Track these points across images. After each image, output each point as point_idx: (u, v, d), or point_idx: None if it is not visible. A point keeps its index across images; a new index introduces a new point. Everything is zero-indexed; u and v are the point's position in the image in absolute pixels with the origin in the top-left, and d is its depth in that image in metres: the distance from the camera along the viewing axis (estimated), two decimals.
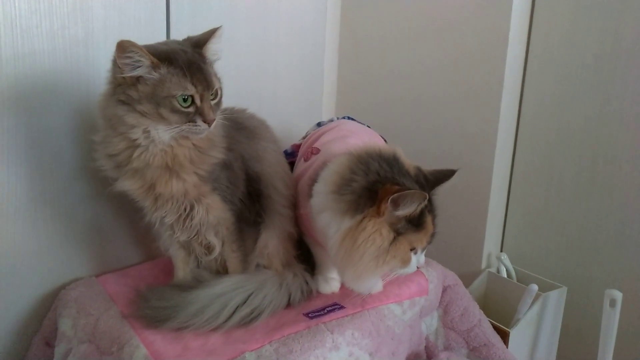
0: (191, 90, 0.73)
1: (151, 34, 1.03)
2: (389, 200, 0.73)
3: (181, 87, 0.72)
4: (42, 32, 0.88)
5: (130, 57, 0.70)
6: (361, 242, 0.75)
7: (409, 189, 0.73)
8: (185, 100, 0.73)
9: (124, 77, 0.72)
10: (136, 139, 0.75)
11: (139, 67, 0.71)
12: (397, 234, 0.76)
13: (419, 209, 0.75)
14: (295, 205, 0.92)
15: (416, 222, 0.77)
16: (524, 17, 1.19)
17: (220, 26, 0.79)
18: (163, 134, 0.74)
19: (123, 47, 0.69)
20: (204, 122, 0.74)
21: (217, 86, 0.77)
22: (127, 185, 0.78)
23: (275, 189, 0.89)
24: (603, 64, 1.10)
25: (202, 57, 0.77)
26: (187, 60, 0.73)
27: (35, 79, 0.89)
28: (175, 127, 0.73)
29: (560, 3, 1.15)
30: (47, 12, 0.88)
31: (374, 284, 0.89)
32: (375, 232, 0.75)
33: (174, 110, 0.72)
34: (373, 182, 0.77)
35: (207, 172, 0.79)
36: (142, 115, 0.73)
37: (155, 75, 0.71)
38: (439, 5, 1.28)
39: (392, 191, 0.73)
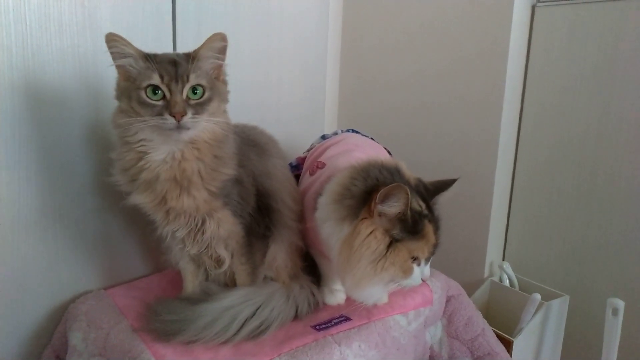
0: (156, 80, 0.72)
1: (158, 50, 1.04)
2: (377, 198, 0.73)
3: (147, 78, 0.72)
4: (52, 50, 0.90)
5: (115, 47, 0.74)
6: (357, 247, 0.75)
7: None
8: (155, 92, 0.72)
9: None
10: (134, 144, 0.76)
11: (124, 57, 0.74)
12: (394, 240, 0.76)
13: (407, 208, 0.75)
14: (301, 218, 0.94)
15: (413, 230, 0.76)
16: (524, 26, 1.21)
17: (218, 33, 0.77)
18: (142, 132, 0.75)
19: (108, 39, 0.73)
20: (170, 115, 0.72)
21: (196, 82, 0.74)
22: (140, 199, 0.79)
23: (284, 204, 0.90)
24: (603, 72, 1.12)
25: (187, 56, 0.76)
26: (167, 59, 0.75)
27: (46, 96, 0.90)
28: (144, 121, 0.72)
29: (559, 13, 1.17)
30: (57, 31, 0.90)
31: (377, 295, 0.88)
32: (370, 235, 0.75)
33: (141, 103, 0.73)
34: (371, 187, 0.78)
35: (218, 188, 0.80)
36: (126, 115, 0.75)
37: (135, 68, 0.74)
38: (439, 15, 1.30)
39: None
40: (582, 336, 1.23)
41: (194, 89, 0.75)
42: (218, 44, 0.77)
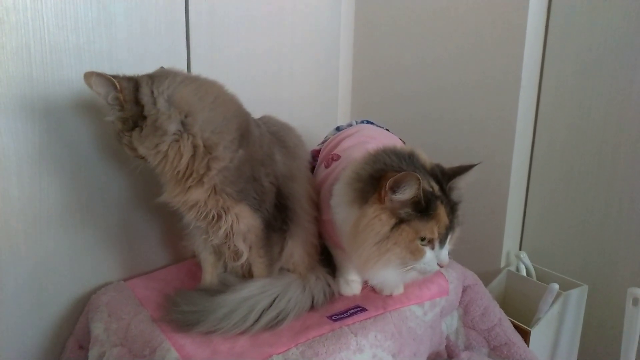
0: None
1: (171, 44, 1.06)
2: (387, 186, 0.73)
3: None
4: (69, 46, 0.91)
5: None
6: (362, 229, 0.76)
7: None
8: None
9: None
10: None
11: None
12: (401, 220, 0.75)
13: (419, 192, 0.74)
14: (318, 214, 0.94)
15: (421, 209, 0.75)
16: (541, 8, 1.18)
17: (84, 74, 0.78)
18: None
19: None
20: None
21: (111, 119, 0.81)
22: (163, 193, 0.84)
23: (301, 206, 0.91)
24: (623, 54, 1.08)
25: None
26: None
27: (64, 92, 0.92)
28: None
29: None
30: (74, 28, 0.91)
31: (393, 279, 0.84)
32: (375, 217, 0.75)
33: None
34: (378, 170, 0.78)
35: (218, 183, 0.81)
36: None
37: None
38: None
39: (391, 177, 0.73)
40: (601, 327, 1.21)
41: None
42: (89, 83, 0.78)
